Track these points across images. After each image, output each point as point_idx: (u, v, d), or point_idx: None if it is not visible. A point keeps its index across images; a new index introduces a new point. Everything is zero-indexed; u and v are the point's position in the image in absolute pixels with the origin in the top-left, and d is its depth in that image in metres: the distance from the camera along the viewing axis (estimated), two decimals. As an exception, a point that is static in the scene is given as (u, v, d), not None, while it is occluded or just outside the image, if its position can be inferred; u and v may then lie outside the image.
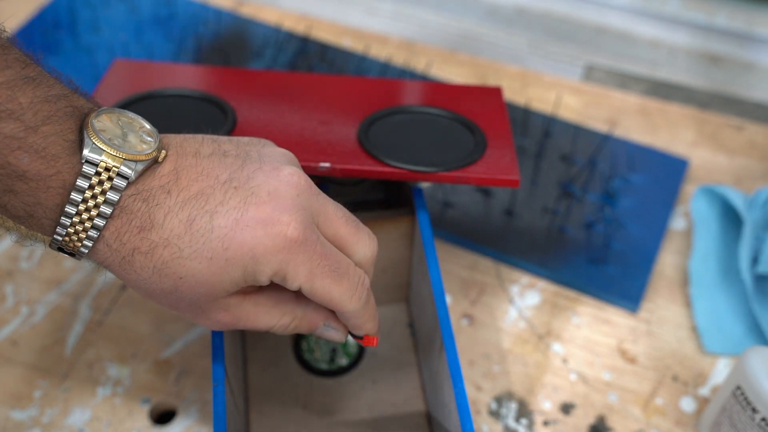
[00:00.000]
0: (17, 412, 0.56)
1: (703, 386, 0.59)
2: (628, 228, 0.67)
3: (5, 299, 0.62)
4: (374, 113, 0.55)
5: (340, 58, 0.80)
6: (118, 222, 0.39)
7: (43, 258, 0.65)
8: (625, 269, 0.65)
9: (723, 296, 0.63)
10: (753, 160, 0.74)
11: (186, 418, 0.56)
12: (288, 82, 0.58)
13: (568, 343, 0.61)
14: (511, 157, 0.52)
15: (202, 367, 0.59)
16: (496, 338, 0.61)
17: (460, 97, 0.57)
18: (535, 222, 0.67)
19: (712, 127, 0.77)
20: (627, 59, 0.81)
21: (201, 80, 0.58)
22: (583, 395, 0.59)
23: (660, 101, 0.79)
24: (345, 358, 0.59)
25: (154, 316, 0.62)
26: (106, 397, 0.57)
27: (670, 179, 0.71)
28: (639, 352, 0.61)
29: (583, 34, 0.83)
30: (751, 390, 0.49)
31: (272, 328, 0.44)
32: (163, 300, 0.42)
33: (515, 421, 0.57)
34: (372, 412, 0.56)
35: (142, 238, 0.39)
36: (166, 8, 0.84)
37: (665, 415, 0.58)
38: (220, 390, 0.45)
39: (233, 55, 0.80)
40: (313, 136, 0.53)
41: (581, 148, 0.72)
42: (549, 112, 0.76)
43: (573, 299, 0.64)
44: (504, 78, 0.80)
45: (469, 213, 0.68)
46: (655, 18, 0.81)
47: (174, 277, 0.40)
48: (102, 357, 0.59)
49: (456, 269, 0.65)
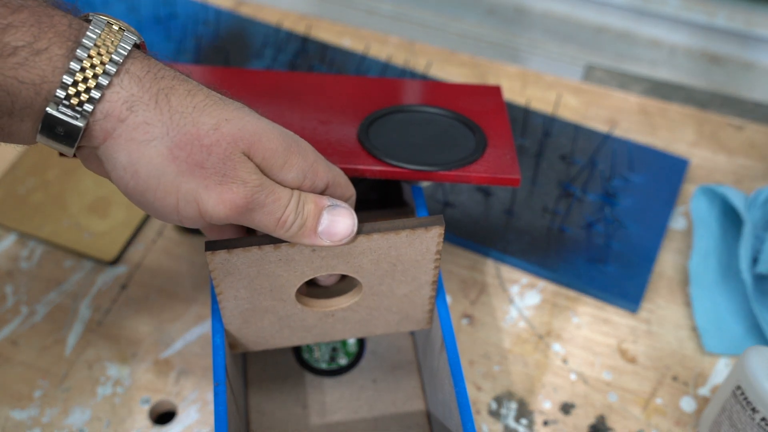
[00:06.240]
0: (17, 412, 0.56)
1: (703, 386, 0.59)
2: (628, 228, 0.67)
3: (5, 299, 0.62)
4: (374, 113, 0.55)
5: (340, 58, 0.80)
6: (141, 62, 0.39)
7: (43, 258, 0.65)
8: (625, 269, 0.65)
9: (723, 296, 0.63)
10: (753, 160, 0.74)
11: (186, 418, 0.56)
12: (288, 82, 0.58)
13: (568, 343, 0.61)
14: (511, 156, 0.52)
15: (202, 367, 0.59)
16: (496, 338, 0.61)
17: (459, 96, 0.57)
18: (535, 222, 0.67)
19: (712, 126, 0.77)
20: (627, 59, 0.81)
21: (201, 80, 0.58)
22: (583, 395, 0.59)
23: (660, 101, 0.79)
24: (345, 357, 0.59)
25: (154, 316, 0.62)
26: (106, 397, 0.57)
27: (670, 179, 0.71)
28: (639, 352, 0.61)
29: (583, 34, 0.83)
30: (751, 390, 0.49)
31: (284, 213, 0.42)
32: (193, 150, 0.39)
33: (515, 421, 0.57)
34: (372, 412, 0.56)
35: (175, 78, 0.39)
36: (166, 8, 0.84)
37: (665, 415, 0.58)
38: (220, 390, 0.45)
39: (233, 55, 0.80)
40: (313, 135, 0.53)
41: (581, 148, 0.72)
42: (549, 112, 0.76)
43: (573, 299, 0.64)
44: (504, 78, 0.80)
45: (469, 213, 0.68)
46: (655, 18, 0.81)
47: (218, 117, 0.39)
48: (102, 357, 0.59)
49: (456, 269, 0.65)
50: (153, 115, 0.38)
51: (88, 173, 0.70)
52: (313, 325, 0.50)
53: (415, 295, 0.49)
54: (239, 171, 0.39)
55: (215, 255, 0.43)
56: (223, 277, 0.44)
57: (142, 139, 0.38)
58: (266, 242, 0.43)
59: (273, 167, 0.41)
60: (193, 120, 0.39)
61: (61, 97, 0.37)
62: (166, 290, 0.63)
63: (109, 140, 0.38)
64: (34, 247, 0.65)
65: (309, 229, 0.42)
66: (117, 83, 0.38)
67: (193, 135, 0.39)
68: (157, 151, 0.38)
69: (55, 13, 0.37)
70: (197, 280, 0.64)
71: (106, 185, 0.69)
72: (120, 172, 0.39)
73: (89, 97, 0.37)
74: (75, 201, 0.68)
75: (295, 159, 0.41)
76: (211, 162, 0.39)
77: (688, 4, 0.80)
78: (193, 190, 0.39)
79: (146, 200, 0.40)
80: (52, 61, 0.37)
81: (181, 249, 0.66)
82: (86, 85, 0.37)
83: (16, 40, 0.36)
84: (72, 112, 0.37)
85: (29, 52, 0.36)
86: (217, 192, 0.39)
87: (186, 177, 0.39)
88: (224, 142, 0.39)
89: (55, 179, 0.69)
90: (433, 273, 0.47)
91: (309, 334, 0.51)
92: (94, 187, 0.69)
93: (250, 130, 0.40)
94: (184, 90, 0.40)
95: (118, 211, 0.67)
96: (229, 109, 0.40)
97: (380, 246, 0.45)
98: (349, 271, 0.46)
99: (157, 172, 0.39)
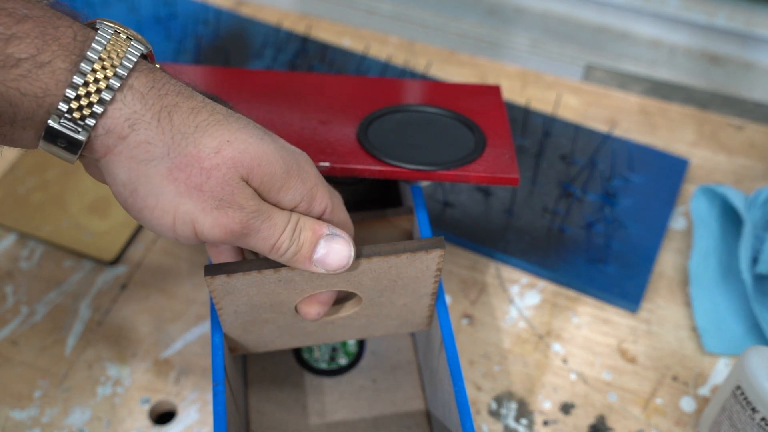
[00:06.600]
0: (17, 412, 0.56)
1: (703, 386, 0.59)
2: (628, 228, 0.67)
3: (5, 299, 0.62)
4: (373, 112, 0.55)
5: (340, 58, 0.80)
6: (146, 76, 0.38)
7: (43, 258, 0.65)
8: (625, 269, 0.65)
9: (723, 296, 0.63)
10: (753, 160, 0.74)
11: (186, 418, 0.56)
12: (288, 82, 0.58)
13: (568, 343, 0.61)
14: (510, 156, 0.52)
15: (202, 367, 0.59)
16: (496, 338, 0.61)
17: (458, 95, 0.57)
18: (535, 222, 0.67)
19: (712, 126, 0.77)
20: (627, 59, 0.81)
21: (201, 80, 0.58)
22: (583, 395, 0.59)
23: (660, 101, 0.79)
24: (345, 357, 0.59)
25: (154, 316, 0.62)
26: (106, 397, 0.57)
27: (670, 179, 0.71)
28: (639, 352, 0.61)
29: (583, 34, 0.83)
30: (751, 390, 0.49)
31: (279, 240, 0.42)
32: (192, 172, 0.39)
33: (515, 421, 0.57)
34: (372, 412, 0.56)
35: (180, 94, 0.39)
36: (166, 8, 0.84)
37: (665, 415, 0.58)
38: (220, 390, 0.45)
39: (233, 55, 0.80)
40: (312, 135, 0.53)
41: (581, 148, 0.72)
42: (549, 112, 0.76)
43: (573, 299, 0.64)
44: (504, 78, 0.80)
45: (469, 213, 0.68)
46: (655, 18, 0.81)
47: (220, 139, 0.39)
48: (102, 357, 0.59)
49: (456, 269, 0.65)
50: (155, 134, 0.38)
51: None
52: (313, 331, 0.50)
53: (415, 304, 0.49)
54: (237, 197, 0.39)
55: (215, 279, 0.43)
56: (223, 296, 0.45)
57: (142, 158, 0.38)
58: (266, 266, 0.43)
59: (270, 190, 0.41)
60: (195, 141, 0.39)
61: (63, 111, 0.37)
62: (166, 290, 0.63)
63: (109, 155, 0.39)
64: (34, 247, 0.65)
65: (304, 257, 0.42)
66: (120, 99, 0.38)
67: (194, 157, 0.39)
68: (156, 171, 0.39)
69: (61, 24, 0.37)
70: (197, 280, 0.64)
71: (106, 185, 0.69)
72: (119, 188, 0.39)
73: (91, 112, 0.37)
74: (75, 201, 0.68)
75: (293, 182, 0.41)
76: (210, 186, 0.39)
77: (688, 4, 0.80)
78: (190, 212, 0.39)
79: (143, 217, 0.40)
80: (55, 75, 0.36)
81: (181, 249, 0.66)
82: (89, 99, 0.37)
83: (19, 52, 0.35)
84: (74, 126, 0.37)
85: (32, 64, 0.36)
86: (213, 216, 0.39)
87: (184, 198, 0.39)
88: (224, 166, 0.39)
89: (55, 179, 0.69)
90: (433, 286, 0.48)
91: (309, 338, 0.51)
92: (94, 187, 0.69)
93: (251, 154, 0.39)
94: (187, 107, 0.39)
95: (118, 211, 0.67)
96: (232, 129, 0.40)
97: (381, 267, 0.45)
98: (349, 288, 0.46)
99: (155, 192, 0.39)
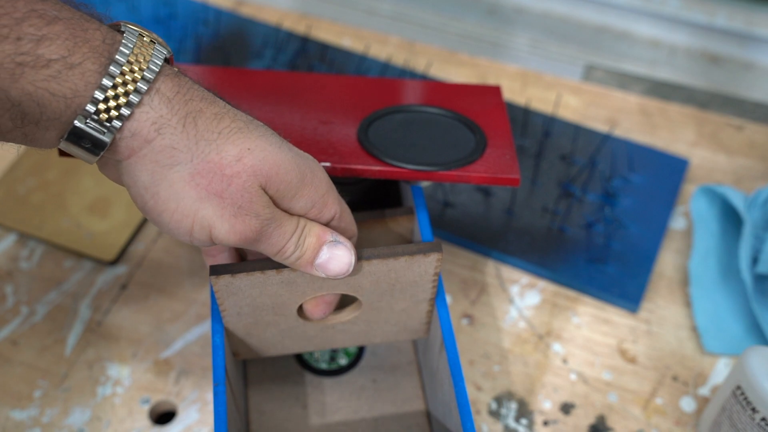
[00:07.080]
0: (17, 412, 0.56)
1: (703, 386, 0.59)
2: (628, 228, 0.67)
3: (5, 299, 0.62)
4: (374, 112, 0.55)
5: (340, 58, 0.80)
6: (172, 81, 0.39)
7: (43, 258, 0.65)
8: (625, 269, 0.65)
9: (723, 296, 0.63)
10: (753, 160, 0.74)
11: (186, 418, 0.56)
12: (288, 82, 0.58)
13: (568, 343, 0.61)
14: (511, 156, 0.52)
15: (202, 367, 0.59)
16: (496, 338, 0.61)
17: (459, 96, 0.57)
18: (535, 222, 0.67)
19: (712, 126, 0.77)
20: (627, 59, 0.81)
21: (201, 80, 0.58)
22: (583, 395, 0.59)
23: (660, 101, 0.79)
24: (345, 357, 0.59)
25: (154, 316, 0.62)
26: (106, 397, 0.57)
27: (670, 179, 0.71)
28: (639, 352, 0.61)
29: (583, 34, 0.83)
30: (751, 390, 0.49)
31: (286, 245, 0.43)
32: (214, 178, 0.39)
33: (515, 421, 0.57)
34: (372, 412, 0.56)
35: (204, 99, 0.40)
36: (166, 8, 0.84)
37: (665, 415, 0.58)
38: (220, 390, 0.45)
39: (233, 55, 0.80)
40: (313, 135, 0.53)
41: (581, 148, 0.72)
42: (549, 112, 0.76)
43: (573, 299, 0.64)
44: (504, 78, 0.80)
45: (469, 213, 0.68)
46: (655, 18, 0.81)
47: (241, 146, 0.40)
48: (102, 357, 0.59)
49: (456, 269, 0.65)
50: (179, 139, 0.39)
51: (89, 173, 0.70)
52: (314, 336, 0.51)
53: (413, 309, 0.50)
54: (255, 204, 0.40)
55: (219, 279, 0.44)
56: (227, 297, 0.45)
57: (166, 162, 0.39)
58: (269, 267, 0.44)
59: (285, 198, 0.42)
60: (218, 148, 0.40)
61: (91, 112, 0.37)
62: (166, 290, 0.63)
63: (133, 157, 0.39)
64: (34, 247, 0.65)
65: (306, 261, 0.43)
66: (147, 102, 0.38)
67: (216, 164, 0.39)
68: (179, 176, 0.39)
69: (89, 26, 0.37)
70: (197, 280, 0.64)
71: (106, 185, 0.69)
72: (140, 190, 0.40)
73: (119, 114, 0.37)
74: (75, 201, 0.68)
75: (306, 190, 0.42)
76: (230, 192, 0.40)
77: (688, 4, 0.80)
78: (208, 217, 0.40)
79: (162, 220, 0.41)
80: (85, 76, 0.37)
81: (181, 249, 0.66)
82: (117, 102, 0.37)
83: (50, 53, 0.36)
84: (100, 127, 0.38)
85: (63, 65, 0.36)
86: (230, 223, 0.40)
87: (204, 204, 0.40)
88: (245, 174, 0.40)
89: (55, 179, 0.69)
90: (431, 291, 0.48)
91: (310, 343, 0.52)
92: (94, 187, 0.69)
93: (270, 162, 0.40)
94: (211, 113, 0.40)
95: (118, 211, 0.67)
96: (253, 137, 0.41)
97: (380, 269, 0.46)
98: (349, 290, 0.47)
99: (177, 196, 0.40)
